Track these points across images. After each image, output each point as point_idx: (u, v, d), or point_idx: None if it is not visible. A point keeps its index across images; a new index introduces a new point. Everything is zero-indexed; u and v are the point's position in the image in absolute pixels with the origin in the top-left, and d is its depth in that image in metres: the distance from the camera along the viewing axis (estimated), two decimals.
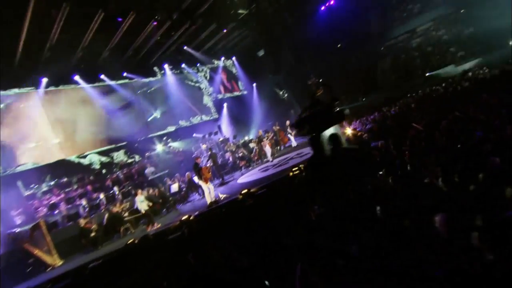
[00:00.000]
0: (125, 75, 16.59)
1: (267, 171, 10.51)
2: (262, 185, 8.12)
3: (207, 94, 20.45)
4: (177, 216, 9.64)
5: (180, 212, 10.03)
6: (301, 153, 11.07)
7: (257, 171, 11.53)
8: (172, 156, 15.89)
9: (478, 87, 9.63)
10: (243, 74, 22.17)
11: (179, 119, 18.65)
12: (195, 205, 10.16)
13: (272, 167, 10.97)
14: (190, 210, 9.45)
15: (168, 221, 9.29)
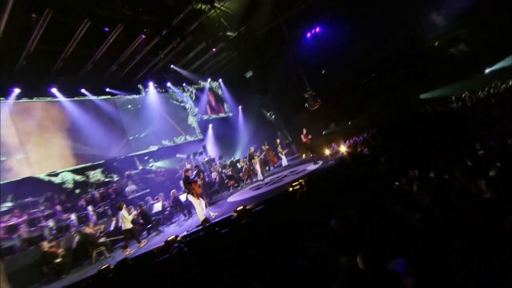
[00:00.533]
0: (107, 90, 15.61)
1: (259, 189, 9.66)
2: (258, 202, 7.24)
3: (192, 115, 19.69)
4: (160, 238, 8.46)
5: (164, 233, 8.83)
6: (295, 171, 10.37)
7: (248, 190, 10.65)
8: (153, 176, 14.67)
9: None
10: (229, 96, 21.79)
11: (162, 138, 17.62)
12: (181, 225, 9.01)
13: (264, 185, 10.14)
14: (176, 232, 8.30)
15: (151, 243, 8.07)
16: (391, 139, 9.56)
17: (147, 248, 7.50)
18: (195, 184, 7.86)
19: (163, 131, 17.71)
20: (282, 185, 8.65)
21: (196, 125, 19.70)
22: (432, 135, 8.53)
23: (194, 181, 7.89)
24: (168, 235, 8.13)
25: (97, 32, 12.43)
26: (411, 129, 10.36)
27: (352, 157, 8.27)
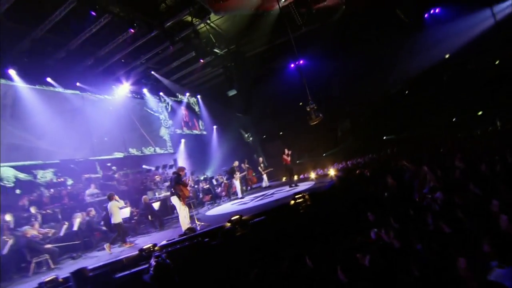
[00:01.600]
0: (78, 85, 13.82)
1: (246, 205, 8.54)
2: (256, 213, 6.17)
3: (165, 126, 18.25)
4: (122, 250, 6.82)
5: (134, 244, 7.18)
6: (282, 190, 9.46)
7: (230, 205, 9.44)
8: (116, 184, 12.73)
9: None
10: (206, 114, 20.83)
11: (130, 146, 15.83)
12: (153, 237, 7.43)
13: (250, 201, 9.04)
14: (146, 243, 6.76)
15: (115, 254, 6.43)
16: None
17: (111, 259, 5.87)
18: (185, 186, 6.63)
19: (132, 139, 15.99)
20: (277, 199, 7.68)
21: (168, 138, 18.21)
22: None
23: (184, 183, 6.66)
24: (136, 246, 6.57)
25: (79, 18, 11.18)
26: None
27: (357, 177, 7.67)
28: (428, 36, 17.21)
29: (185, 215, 6.43)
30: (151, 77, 16.94)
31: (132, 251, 5.62)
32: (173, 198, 6.57)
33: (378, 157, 12.87)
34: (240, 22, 15.84)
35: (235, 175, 10.72)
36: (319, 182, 8.73)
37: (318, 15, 13.66)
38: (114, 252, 6.78)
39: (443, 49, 17.72)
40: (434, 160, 7.28)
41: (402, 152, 11.94)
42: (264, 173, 12.90)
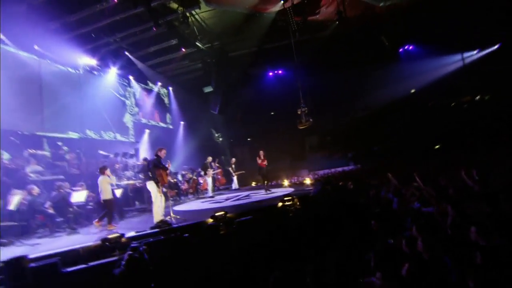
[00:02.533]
0: (36, 48, 11.99)
1: (220, 203, 7.76)
2: (240, 212, 5.48)
3: (130, 113, 16.70)
4: (74, 239, 5.62)
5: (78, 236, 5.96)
6: (257, 192, 8.86)
7: (200, 203, 8.56)
8: (66, 165, 11.05)
9: None
10: (176, 108, 19.60)
11: (88, 127, 14.10)
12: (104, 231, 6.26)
13: (225, 200, 8.26)
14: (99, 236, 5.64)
15: (58, 243, 5.21)
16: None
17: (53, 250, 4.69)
18: (165, 171, 5.67)
19: (91, 120, 14.24)
20: (260, 200, 7.04)
21: (131, 126, 16.65)
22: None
23: (164, 167, 5.70)
24: (85, 237, 5.43)
25: None
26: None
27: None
28: (400, 70, 18.25)
29: (159, 205, 5.55)
30: (123, 58, 15.45)
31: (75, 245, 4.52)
32: (149, 184, 5.64)
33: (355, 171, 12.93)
34: (229, 21, 15.27)
35: (208, 172, 9.84)
36: (298, 189, 8.24)
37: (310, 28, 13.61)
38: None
39: (410, 84, 18.91)
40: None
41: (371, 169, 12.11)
42: (235, 175, 12.18)
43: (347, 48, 16.42)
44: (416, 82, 18.82)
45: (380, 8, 12.86)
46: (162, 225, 5.14)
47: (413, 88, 19.50)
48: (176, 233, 4.38)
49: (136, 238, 4.41)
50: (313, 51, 16.74)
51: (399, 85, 18.99)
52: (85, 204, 7.33)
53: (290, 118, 22.04)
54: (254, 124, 22.14)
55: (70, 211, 6.44)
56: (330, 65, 17.33)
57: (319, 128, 20.62)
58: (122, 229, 5.60)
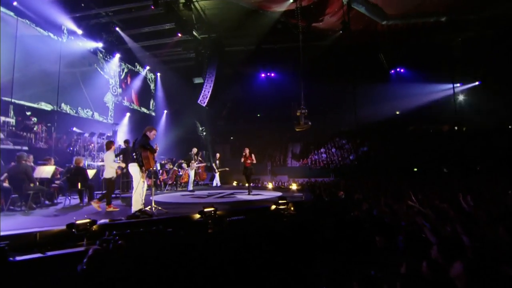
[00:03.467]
0: (15, 4, 10.78)
1: (203, 199, 7.09)
2: (230, 210, 4.90)
3: (112, 93, 15.56)
4: (29, 220, 4.75)
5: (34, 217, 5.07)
6: (242, 193, 8.27)
7: (180, 196, 7.84)
8: (33, 137, 9.92)
9: None
10: (161, 95, 18.65)
11: (63, 101, 12.90)
12: (79, 212, 5.38)
13: (207, 197, 7.61)
14: (62, 220, 4.81)
15: (16, 226, 4.34)
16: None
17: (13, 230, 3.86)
18: (153, 153, 4.92)
19: (68, 94, 13.04)
20: (249, 200, 6.45)
21: (112, 106, 15.52)
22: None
23: (152, 148, 4.94)
24: (44, 220, 4.59)
25: None
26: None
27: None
28: (388, 90, 18.52)
29: (141, 192, 4.79)
30: (113, 34, 14.40)
31: (29, 228, 3.73)
32: (132, 166, 4.90)
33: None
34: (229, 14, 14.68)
35: (191, 164, 9.10)
36: (286, 194, 7.69)
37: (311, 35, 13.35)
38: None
39: (396, 105, 19.26)
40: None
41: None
42: (218, 172, 11.51)
43: (342, 61, 16.39)
44: (401, 104, 19.20)
45: (382, 26, 12.87)
46: (142, 215, 4.33)
47: (398, 110, 19.91)
48: (157, 226, 3.72)
49: (111, 227, 3.70)
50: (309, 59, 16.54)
51: (386, 105, 19.30)
52: (51, 181, 6.42)
53: (276, 122, 21.88)
54: (238, 123, 21.62)
55: (30, 187, 5.41)
56: (323, 75, 17.19)
57: (303, 137, 20.49)
58: (90, 216, 4.84)
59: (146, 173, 4.84)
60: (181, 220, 4.28)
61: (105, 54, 14.93)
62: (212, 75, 14.51)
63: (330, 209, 5.42)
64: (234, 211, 4.79)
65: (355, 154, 18.02)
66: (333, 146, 19.08)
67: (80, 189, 6.16)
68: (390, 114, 19.76)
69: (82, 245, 3.27)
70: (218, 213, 4.39)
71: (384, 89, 18.48)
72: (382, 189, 9.25)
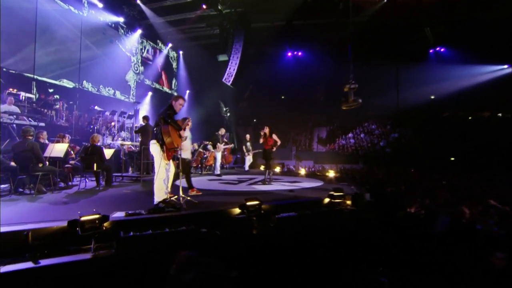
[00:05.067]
0: None
1: (236, 186, 6.21)
2: (276, 204, 3.95)
3: (134, 71, 14.81)
4: (35, 206, 4.02)
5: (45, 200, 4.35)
6: (279, 179, 7.31)
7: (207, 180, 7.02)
8: (54, 114, 9.36)
9: None
10: (184, 74, 17.75)
11: (85, 79, 12.26)
12: (92, 199, 4.60)
13: (239, 183, 6.73)
14: (77, 207, 4.04)
15: (15, 214, 3.60)
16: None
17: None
18: (179, 130, 3.92)
19: (90, 71, 12.38)
20: (292, 190, 5.49)
21: (134, 85, 14.82)
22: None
23: (178, 124, 3.94)
24: (50, 208, 3.83)
25: None
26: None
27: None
28: (425, 72, 16.67)
29: (164, 177, 3.78)
30: (135, 7, 13.45)
31: (33, 218, 2.95)
32: (152, 144, 3.83)
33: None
34: None
35: (218, 146, 8.21)
36: (328, 183, 6.52)
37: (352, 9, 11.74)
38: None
39: (432, 89, 17.42)
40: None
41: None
42: (250, 155, 10.53)
43: (380, 38, 14.65)
44: (438, 88, 17.31)
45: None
46: (166, 208, 3.46)
47: (433, 94, 18.03)
48: (188, 226, 2.85)
49: (127, 224, 2.87)
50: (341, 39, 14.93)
51: (420, 88, 17.51)
52: (65, 161, 5.75)
53: (301, 105, 20.58)
54: (261, 105, 20.48)
55: (39, 167, 4.63)
56: (358, 54, 15.52)
57: (330, 121, 19.16)
58: (105, 204, 4.03)
59: (170, 152, 3.86)
60: (217, 216, 3.38)
61: (126, 30, 14.07)
62: (238, 51, 13.34)
63: (394, 205, 4.38)
64: (280, 206, 3.85)
65: (385, 140, 16.58)
66: (362, 131, 17.65)
67: (96, 170, 5.43)
68: (424, 98, 17.94)
69: (89, 250, 2.44)
70: (263, 207, 3.46)
71: (420, 70, 16.64)
72: (434, 181, 8.04)
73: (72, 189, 5.42)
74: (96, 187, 5.54)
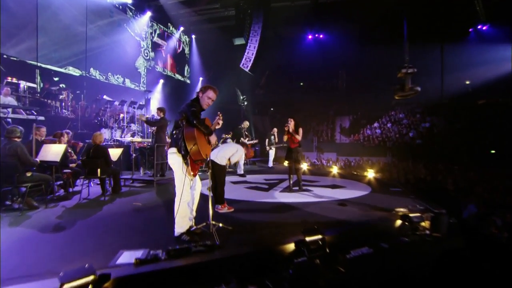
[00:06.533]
0: None
1: (267, 195, 5.20)
2: (331, 232, 2.89)
3: (144, 57, 13.78)
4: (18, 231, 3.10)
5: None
6: (316, 181, 6.26)
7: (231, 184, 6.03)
8: (58, 106, 8.50)
9: None
10: (198, 60, 16.62)
11: (93, 66, 11.35)
12: (92, 220, 3.62)
13: (270, 189, 5.71)
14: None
15: None
16: None
17: None
18: (202, 133, 2.78)
19: (97, 58, 11.44)
20: (343, 202, 4.43)
21: (144, 72, 13.83)
22: None
23: (207, 126, 2.83)
24: (38, 243, 2.88)
25: None
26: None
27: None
28: (462, 54, 14.97)
29: (189, 199, 2.79)
30: None
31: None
32: (171, 154, 2.77)
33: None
34: None
35: (242, 141, 7.12)
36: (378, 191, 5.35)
37: None
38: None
39: (469, 74, 15.69)
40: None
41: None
42: (273, 149, 9.46)
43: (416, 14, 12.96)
44: (476, 72, 15.57)
45: None
46: (193, 245, 2.39)
47: (469, 79, 16.31)
48: (227, 281, 1.84)
49: (138, 280, 1.90)
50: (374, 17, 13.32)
51: (454, 72, 15.85)
52: (64, 164, 4.64)
53: (321, 92, 19.21)
54: (279, 92, 19.24)
55: (26, 177, 3.67)
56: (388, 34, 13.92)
57: (353, 109, 17.78)
58: (108, 233, 3.05)
59: (197, 165, 2.78)
60: (265, 259, 2.36)
61: (135, 12, 12.97)
62: (257, 33, 12.09)
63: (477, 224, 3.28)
64: (344, 233, 2.80)
65: (415, 131, 15.18)
66: (389, 120, 16.25)
67: (101, 177, 4.51)
68: (458, 84, 16.28)
69: None
70: (323, 237, 2.44)
71: (458, 52, 14.96)
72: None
73: (72, 198, 4.50)
74: (101, 197, 4.63)
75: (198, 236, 2.78)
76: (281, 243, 2.62)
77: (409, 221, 3.09)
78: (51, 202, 4.18)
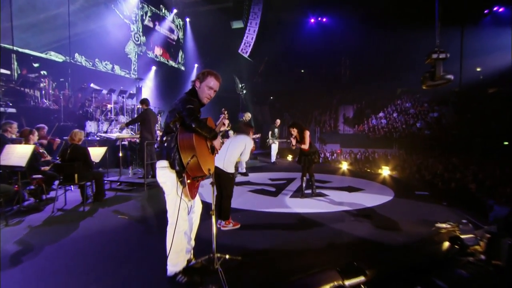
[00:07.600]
0: None
1: (277, 201, 4.52)
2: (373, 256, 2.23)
3: (134, 42, 12.81)
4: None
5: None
6: (328, 183, 5.60)
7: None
8: (37, 96, 7.66)
9: None
10: (192, 45, 15.64)
11: (78, 52, 10.42)
12: (65, 242, 2.90)
13: (279, 191, 5.04)
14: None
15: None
16: None
17: None
18: (205, 140, 2.04)
19: (83, 42, 10.46)
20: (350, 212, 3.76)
21: (135, 58, 12.90)
22: None
23: (206, 128, 1.94)
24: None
25: None
26: None
27: None
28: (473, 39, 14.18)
29: (186, 228, 2.09)
30: None
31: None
32: (161, 170, 2.00)
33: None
34: None
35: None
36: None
37: None
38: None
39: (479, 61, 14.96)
40: None
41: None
42: (276, 143, 8.72)
43: None
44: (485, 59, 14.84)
45: None
46: (185, 282, 1.91)
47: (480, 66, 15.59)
48: None
49: None
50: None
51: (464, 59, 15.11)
52: (33, 169, 3.87)
53: (323, 80, 18.39)
54: (279, 80, 18.38)
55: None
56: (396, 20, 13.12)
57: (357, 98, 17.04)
58: (83, 268, 2.34)
59: (196, 183, 2.07)
60: None
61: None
62: (257, 16, 11.19)
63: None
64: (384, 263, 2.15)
65: (422, 121, 14.54)
66: (395, 110, 15.57)
67: (79, 183, 3.75)
68: (468, 72, 15.57)
69: None
70: (359, 266, 1.79)
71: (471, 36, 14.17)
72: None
73: (45, 209, 3.77)
74: (80, 207, 3.90)
75: (198, 273, 2.11)
76: (310, 286, 1.95)
77: (460, 244, 2.46)
78: (15, 216, 3.45)
